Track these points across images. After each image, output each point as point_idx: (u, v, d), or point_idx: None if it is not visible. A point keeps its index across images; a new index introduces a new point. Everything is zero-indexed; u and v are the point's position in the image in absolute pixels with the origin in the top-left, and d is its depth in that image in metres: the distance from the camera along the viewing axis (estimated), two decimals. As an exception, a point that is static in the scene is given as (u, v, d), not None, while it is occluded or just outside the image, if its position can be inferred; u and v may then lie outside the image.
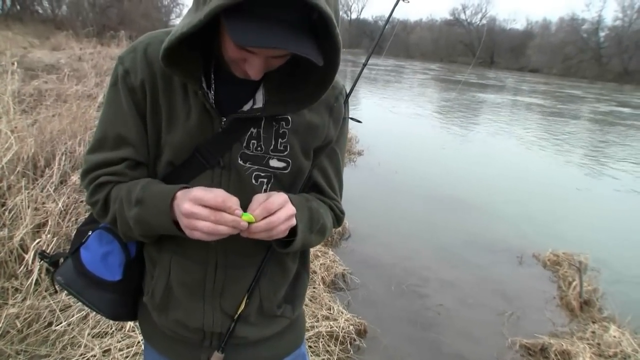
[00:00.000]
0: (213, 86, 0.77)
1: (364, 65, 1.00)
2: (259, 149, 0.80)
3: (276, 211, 0.71)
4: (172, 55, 0.70)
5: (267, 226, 0.71)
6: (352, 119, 0.94)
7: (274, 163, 0.81)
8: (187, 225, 0.69)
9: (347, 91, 0.90)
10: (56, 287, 0.92)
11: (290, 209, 0.74)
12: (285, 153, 0.81)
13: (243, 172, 0.79)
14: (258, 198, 0.73)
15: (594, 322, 2.90)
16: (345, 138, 0.95)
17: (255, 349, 0.92)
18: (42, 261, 1.00)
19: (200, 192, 0.69)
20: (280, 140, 0.80)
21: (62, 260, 0.92)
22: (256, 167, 0.80)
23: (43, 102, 4.84)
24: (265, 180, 0.81)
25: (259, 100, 0.78)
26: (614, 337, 2.59)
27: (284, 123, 0.80)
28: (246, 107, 0.78)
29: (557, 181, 6.76)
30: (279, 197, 0.73)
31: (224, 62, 0.76)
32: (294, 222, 0.76)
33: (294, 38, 0.63)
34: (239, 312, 0.85)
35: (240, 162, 0.79)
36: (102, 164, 0.81)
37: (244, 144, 0.79)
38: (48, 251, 2.24)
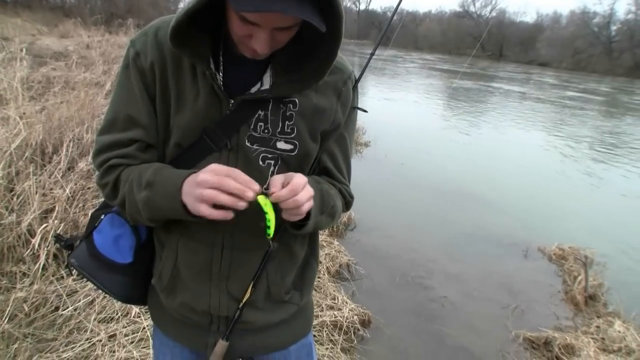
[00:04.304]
0: (221, 68, 0.78)
1: (372, 54, 0.99)
2: (266, 131, 0.80)
3: (300, 191, 0.72)
4: (181, 35, 0.71)
5: (294, 204, 0.70)
6: (358, 108, 0.93)
7: (281, 145, 0.81)
8: (195, 196, 0.70)
9: (357, 77, 0.90)
10: (71, 270, 0.94)
11: (310, 190, 0.74)
12: (292, 135, 0.81)
13: (250, 154, 0.80)
14: (277, 178, 0.73)
15: (598, 317, 2.89)
16: (354, 124, 0.94)
17: (262, 335, 0.92)
18: (57, 244, 1.03)
19: (215, 164, 0.71)
20: (287, 122, 0.80)
21: (76, 243, 0.94)
22: (263, 149, 0.80)
23: (51, 89, 4.84)
24: (272, 162, 0.81)
25: (267, 82, 0.79)
26: (619, 332, 2.58)
27: (291, 105, 0.80)
28: (254, 90, 0.79)
29: (564, 175, 6.69)
30: (301, 178, 0.72)
31: (233, 44, 0.76)
32: (312, 203, 0.75)
33: (295, 3, 0.63)
34: (245, 298, 0.85)
35: (248, 144, 0.80)
36: (112, 145, 0.81)
37: (252, 126, 0.79)
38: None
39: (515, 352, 2.53)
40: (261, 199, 0.70)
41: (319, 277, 2.78)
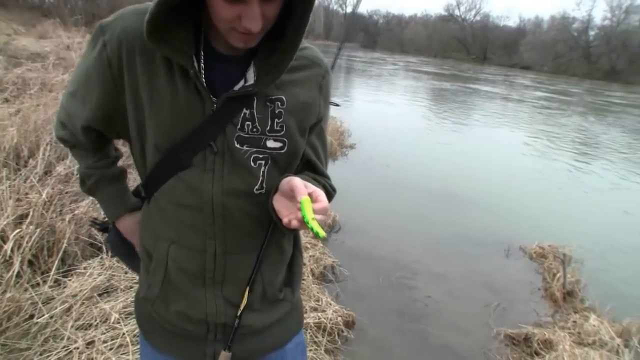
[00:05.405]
0: (203, 66, 0.74)
1: (339, 48, 1.00)
2: (254, 130, 0.77)
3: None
4: (159, 31, 0.68)
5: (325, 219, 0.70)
6: (331, 103, 0.94)
7: (270, 144, 0.79)
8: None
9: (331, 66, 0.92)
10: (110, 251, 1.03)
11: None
12: (282, 133, 0.79)
13: (240, 156, 0.77)
14: (301, 188, 0.70)
15: (575, 312, 2.96)
16: (328, 115, 0.95)
17: (260, 337, 0.90)
18: (93, 227, 1.10)
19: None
20: (276, 120, 0.78)
21: (110, 226, 0.97)
22: (254, 149, 0.78)
23: (27, 91, 4.70)
24: (263, 162, 0.79)
25: (250, 78, 0.76)
26: (594, 325, 2.65)
27: (279, 103, 0.79)
28: (237, 87, 0.76)
29: (543, 174, 6.84)
30: (320, 191, 0.73)
31: (214, 40, 0.74)
32: None
33: None
34: (244, 303, 0.84)
35: (237, 146, 0.77)
36: (72, 116, 0.85)
37: (238, 126, 0.76)
38: (30, 243, 2.21)
39: (496, 349, 2.56)
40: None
41: (303, 279, 2.77)
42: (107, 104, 0.78)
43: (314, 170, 0.91)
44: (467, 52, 56.43)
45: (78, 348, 1.83)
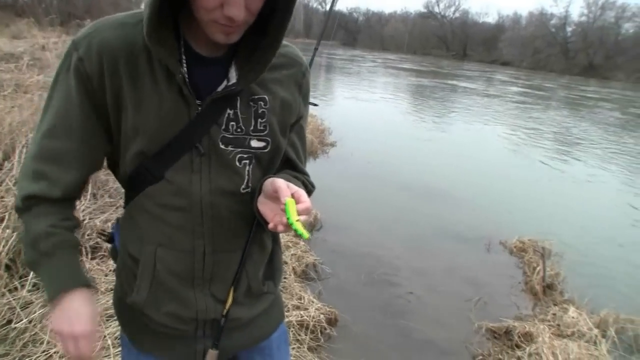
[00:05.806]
0: (186, 69, 0.74)
1: (316, 47, 1.02)
2: (239, 130, 0.78)
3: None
4: (156, 31, 0.67)
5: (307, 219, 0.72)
6: (311, 103, 0.96)
7: (254, 143, 0.80)
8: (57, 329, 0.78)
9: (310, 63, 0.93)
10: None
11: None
12: (265, 132, 0.80)
13: (226, 156, 0.78)
14: (285, 189, 0.71)
15: (555, 305, 3.02)
16: (308, 113, 0.96)
17: (248, 329, 0.93)
18: (100, 238, 1.06)
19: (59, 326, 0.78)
20: (259, 120, 0.80)
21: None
22: (239, 149, 0.79)
23: (1, 93, 4.56)
24: (247, 161, 0.80)
25: (233, 77, 0.77)
26: (572, 317, 2.72)
27: (262, 103, 0.80)
28: (220, 88, 0.76)
29: (522, 170, 6.98)
30: (302, 190, 0.73)
31: (194, 43, 0.75)
32: None
33: None
34: (229, 302, 0.86)
35: (222, 146, 0.77)
36: (57, 155, 0.77)
37: (223, 127, 0.77)
38: (6, 247, 2.16)
39: (478, 342, 2.61)
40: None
41: (285, 278, 2.78)
42: (92, 122, 0.76)
43: (293, 168, 0.92)
44: (447, 49, 57.19)
45: (58, 352, 1.80)
